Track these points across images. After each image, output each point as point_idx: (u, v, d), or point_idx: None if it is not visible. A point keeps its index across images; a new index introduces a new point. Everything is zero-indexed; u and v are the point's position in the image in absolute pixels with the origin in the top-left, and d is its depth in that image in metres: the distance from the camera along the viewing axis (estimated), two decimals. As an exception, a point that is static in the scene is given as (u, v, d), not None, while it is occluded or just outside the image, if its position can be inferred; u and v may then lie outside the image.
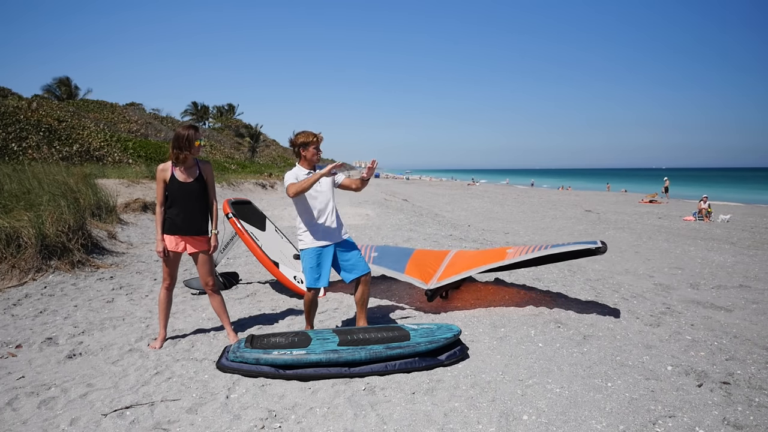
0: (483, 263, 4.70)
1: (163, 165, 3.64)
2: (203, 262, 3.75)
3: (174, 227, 3.64)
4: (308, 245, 3.79)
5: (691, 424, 2.64)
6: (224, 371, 3.28)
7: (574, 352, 3.60)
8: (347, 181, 3.93)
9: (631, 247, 9.63)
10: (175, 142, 3.57)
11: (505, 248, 5.02)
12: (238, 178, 22.76)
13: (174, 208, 3.63)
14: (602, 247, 4.24)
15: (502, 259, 4.63)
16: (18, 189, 7.98)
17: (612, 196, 32.79)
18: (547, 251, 4.43)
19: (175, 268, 3.76)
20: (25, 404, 2.87)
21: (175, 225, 3.64)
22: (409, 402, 2.89)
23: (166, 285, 3.76)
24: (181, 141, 3.55)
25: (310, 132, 3.78)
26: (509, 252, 4.74)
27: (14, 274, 5.47)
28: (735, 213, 18.06)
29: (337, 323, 4.40)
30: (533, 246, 4.67)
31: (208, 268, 3.78)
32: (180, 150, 3.57)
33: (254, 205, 5.96)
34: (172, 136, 3.66)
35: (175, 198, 3.62)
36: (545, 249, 4.47)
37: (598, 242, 4.29)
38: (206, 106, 63.44)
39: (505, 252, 4.79)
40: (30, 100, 30.53)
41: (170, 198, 3.63)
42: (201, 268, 3.76)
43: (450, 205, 22.21)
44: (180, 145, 3.56)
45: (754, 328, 4.45)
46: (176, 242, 3.66)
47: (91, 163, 20.12)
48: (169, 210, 3.64)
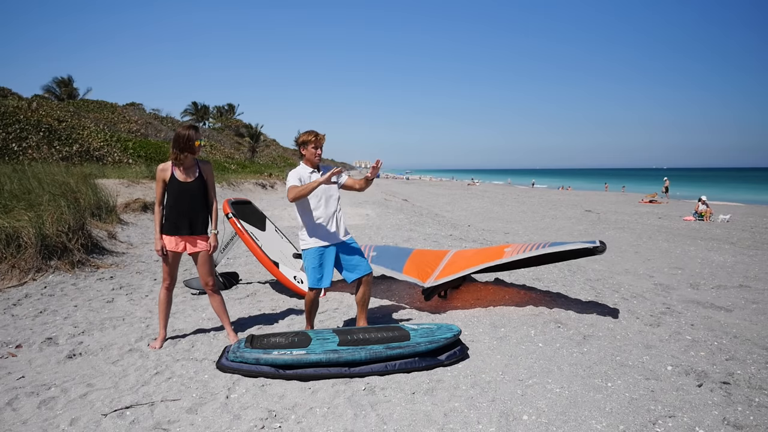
0: (481, 262, 4.70)
1: (163, 165, 3.64)
2: (203, 262, 3.75)
3: (174, 227, 3.64)
4: (310, 245, 3.78)
5: (691, 424, 2.64)
6: (224, 371, 3.28)
7: (574, 352, 3.60)
8: (350, 181, 3.93)
9: (631, 247, 9.63)
10: (175, 142, 3.58)
11: (503, 247, 5.01)
12: (238, 178, 22.75)
13: (174, 207, 3.63)
14: (600, 247, 4.19)
15: (500, 257, 4.62)
16: (18, 189, 7.99)
17: (612, 196, 32.79)
18: (545, 250, 4.40)
19: (175, 268, 3.76)
20: (25, 404, 2.87)
21: (175, 225, 3.63)
22: (409, 402, 2.89)
23: (166, 285, 3.76)
24: (181, 141, 3.56)
25: (311, 131, 3.79)
26: (507, 251, 4.72)
27: (14, 274, 5.47)
28: (735, 213, 18.06)
29: (337, 323, 4.40)
30: (531, 245, 4.65)
31: (208, 268, 3.78)
32: (180, 150, 3.57)
33: (254, 205, 5.96)
34: (172, 136, 3.66)
35: (175, 198, 3.61)
36: (543, 248, 4.45)
37: (597, 242, 4.25)
38: (206, 106, 63.43)
39: (503, 251, 4.78)
40: (30, 100, 30.53)
41: (170, 198, 3.62)
42: (201, 268, 3.76)
43: (450, 205, 22.21)
44: (180, 145, 3.56)
45: (754, 328, 4.45)
46: (176, 242, 3.66)
47: (91, 163, 20.12)
48: (168, 210, 3.64)
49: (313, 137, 3.76)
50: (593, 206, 21.93)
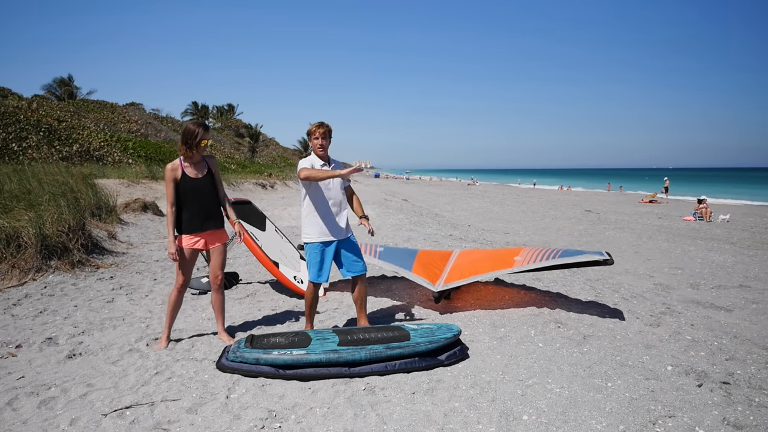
0: (491, 269, 4.68)
1: (172, 164, 3.63)
2: (218, 255, 3.77)
3: (192, 225, 3.64)
4: (312, 240, 3.82)
5: (691, 424, 2.64)
6: (224, 371, 3.28)
7: (574, 352, 3.60)
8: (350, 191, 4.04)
9: (631, 247, 9.63)
10: (184, 137, 3.59)
11: (512, 253, 4.95)
12: (238, 178, 22.74)
13: (189, 205, 3.63)
14: (609, 260, 4.29)
15: (510, 266, 4.61)
16: (18, 189, 7.99)
17: (612, 196, 32.79)
18: (556, 261, 4.42)
19: (191, 267, 3.75)
20: (25, 404, 2.87)
21: (192, 223, 3.64)
22: (409, 402, 2.89)
23: (178, 286, 3.74)
24: (189, 137, 3.57)
25: (316, 123, 3.82)
26: (517, 259, 4.68)
27: (14, 274, 5.47)
28: (735, 213, 18.06)
29: (337, 323, 4.40)
30: (542, 253, 4.62)
31: (221, 261, 3.80)
32: (189, 147, 3.59)
33: (254, 205, 5.96)
34: (173, 136, 3.66)
35: (189, 196, 3.62)
36: (554, 258, 4.45)
37: (605, 253, 4.33)
38: (206, 106, 63.42)
39: (513, 259, 4.73)
40: (30, 100, 30.53)
41: (185, 196, 3.62)
42: (215, 261, 3.77)
43: (450, 205, 22.21)
44: (188, 142, 3.57)
45: (754, 328, 4.45)
46: (195, 240, 3.67)
47: (91, 163, 20.13)
48: (183, 209, 3.63)
49: (314, 128, 3.79)
50: (593, 206, 21.93)
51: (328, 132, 3.80)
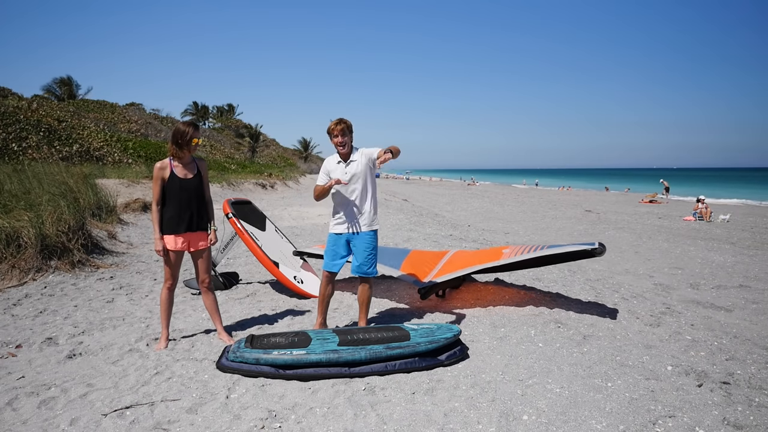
0: (478, 263, 4.70)
1: (161, 163, 3.61)
2: (203, 259, 3.77)
3: (176, 226, 3.62)
4: (330, 229, 4.00)
5: (691, 424, 2.64)
6: (224, 371, 3.28)
7: (574, 352, 3.60)
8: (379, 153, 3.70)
9: (631, 247, 9.63)
10: (173, 137, 3.57)
11: (501, 248, 5.01)
12: (238, 178, 22.74)
13: (174, 205, 3.60)
14: (599, 249, 4.13)
15: (497, 259, 4.62)
16: (18, 189, 7.99)
17: (612, 196, 32.79)
18: (543, 252, 4.39)
19: (178, 267, 3.74)
20: (25, 404, 2.87)
21: (176, 223, 3.62)
22: (409, 402, 2.89)
23: (168, 285, 3.74)
24: (179, 137, 3.55)
25: (335, 120, 3.79)
26: (505, 252, 4.73)
27: (14, 274, 5.47)
28: (735, 213, 18.06)
29: (337, 323, 4.40)
30: (529, 246, 4.64)
31: (207, 265, 3.80)
32: (179, 147, 3.57)
33: (254, 205, 5.96)
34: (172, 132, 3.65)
35: (176, 196, 3.60)
36: (541, 250, 4.44)
37: (596, 243, 4.20)
38: (206, 106, 63.43)
39: (501, 252, 4.78)
40: (30, 100, 30.52)
41: (171, 196, 3.60)
42: (200, 265, 3.77)
43: (450, 205, 22.21)
44: (178, 141, 3.56)
45: (754, 328, 4.45)
46: (178, 241, 3.66)
47: (91, 163, 20.12)
48: (168, 208, 3.61)
49: (333, 125, 3.80)
50: (593, 206, 21.94)
51: (347, 128, 3.81)
